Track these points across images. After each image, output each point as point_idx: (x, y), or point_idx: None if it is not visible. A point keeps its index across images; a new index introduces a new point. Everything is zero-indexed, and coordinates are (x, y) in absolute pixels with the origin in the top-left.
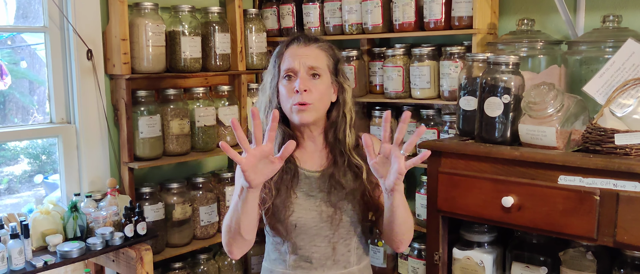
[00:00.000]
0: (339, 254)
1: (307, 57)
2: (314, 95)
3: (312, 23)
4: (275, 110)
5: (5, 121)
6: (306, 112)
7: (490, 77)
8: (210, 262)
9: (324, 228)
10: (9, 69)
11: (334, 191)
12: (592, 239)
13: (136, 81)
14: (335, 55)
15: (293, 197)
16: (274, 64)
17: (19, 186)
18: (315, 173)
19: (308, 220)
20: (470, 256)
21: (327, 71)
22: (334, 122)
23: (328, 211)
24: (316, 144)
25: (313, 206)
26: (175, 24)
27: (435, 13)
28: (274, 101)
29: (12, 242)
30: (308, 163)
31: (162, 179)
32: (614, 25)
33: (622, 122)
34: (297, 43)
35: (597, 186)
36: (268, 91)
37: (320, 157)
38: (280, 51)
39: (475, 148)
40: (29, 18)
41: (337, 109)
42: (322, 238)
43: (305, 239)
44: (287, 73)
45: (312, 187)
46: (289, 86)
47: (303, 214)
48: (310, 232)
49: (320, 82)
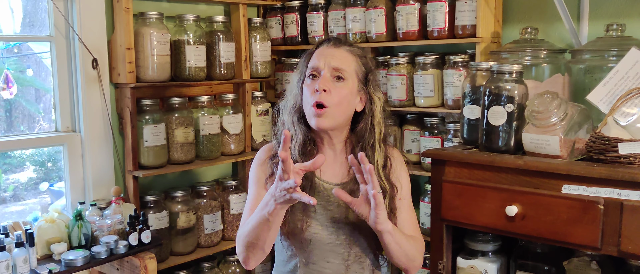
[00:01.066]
0: (352, 272)
1: (333, 57)
2: (333, 98)
3: (316, 32)
4: (286, 131)
5: (11, 128)
6: (322, 118)
7: (494, 86)
8: (215, 270)
9: (340, 246)
10: (15, 76)
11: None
12: (596, 249)
13: (141, 90)
14: (367, 64)
15: (310, 209)
16: (302, 64)
17: (25, 194)
18: (334, 186)
19: (324, 237)
20: (475, 265)
21: (355, 77)
22: (361, 135)
23: (345, 229)
24: (336, 154)
25: (330, 222)
26: (180, 33)
27: (439, 22)
28: (299, 100)
29: (17, 250)
30: (327, 173)
31: (166, 188)
32: (618, 34)
33: (626, 131)
34: (327, 44)
35: (601, 195)
36: (294, 90)
37: (340, 168)
38: (310, 51)
39: (479, 157)
40: (36, 26)
41: (364, 120)
42: (337, 255)
43: (319, 255)
44: (312, 72)
45: (330, 200)
46: (311, 86)
47: (319, 230)
48: (324, 248)
49: (343, 85)
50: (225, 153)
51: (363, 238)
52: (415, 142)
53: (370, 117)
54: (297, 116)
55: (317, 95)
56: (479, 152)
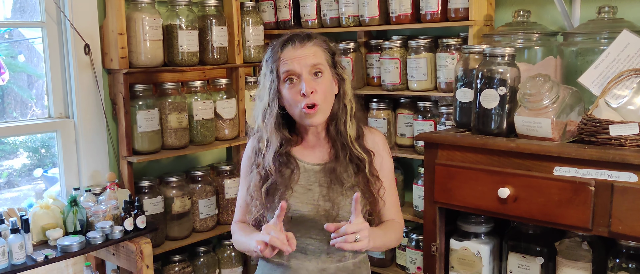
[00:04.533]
0: (334, 248)
1: (306, 57)
2: (320, 95)
3: (309, 15)
4: (284, 202)
5: (4, 115)
6: (316, 115)
7: (487, 69)
8: (210, 254)
9: (320, 223)
10: (7, 63)
11: (333, 186)
12: (587, 230)
13: (134, 75)
14: (331, 49)
15: (290, 192)
16: (270, 68)
17: (19, 180)
18: (316, 166)
19: (304, 213)
20: (467, 247)
21: (327, 66)
22: (335, 115)
23: (325, 205)
24: (319, 139)
25: (310, 200)
26: (173, 18)
27: (432, 5)
28: (274, 105)
29: (13, 237)
30: (308, 156)
31: (161, 173)
32: (610, 16)
33: (617, 113)
34: (291, 45)
35: (592, 177)
36: (267, 97)
37: (321, 151)
38: (275, 55)
39: (471, 140)
40: (27, 12)
41: (338, 101)
42: (318, 231)
43: (301, 231)
44: (288, 76)
45: (311, 180)
46: (293, 89)
47: (299, 208)
48: (306, 224)
49: (323, 79)
50: (219, 138)
51: (345, 214)
52: (409, 126)
53: (342, 97)
54: (275, 122)
55: (306, 98)
56: (471, 135)
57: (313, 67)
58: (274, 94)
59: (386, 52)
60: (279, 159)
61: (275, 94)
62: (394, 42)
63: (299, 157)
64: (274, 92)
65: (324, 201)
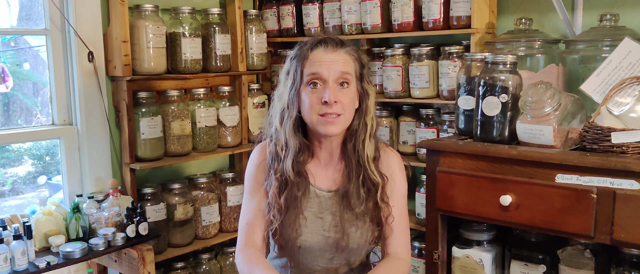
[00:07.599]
0: (341, 269)
1: (336, 63)
2: (343, 106)
3: (312, 23)
4: None
5: (9, 122)
6: (335, 125)
7: (488, 76)
8: (212, 262)
9: (329, 252)
10: (13, 70)
11: (344, 214)
12: (590, 237)
13: (137, 83)
14: (361, 60)
15: (301, 218)
16: (294, 68)
17: (23, 187)
18: (327, 193)
19: (313, 243)
20: (470, 255)
21: (354, 78)
22: (353, 131)
23: (335, 236)
24: (333, 156)
25: (320, 230)
26: (176, 26)
27: (434, 13)
28: (293, 108)
29: (15, 243)
30: (321, 180)
31: (163, 180)
32: (611, 23)
33: (619, 121)
34: (324, 47)
35: (594, 185)
36: (286, 98)
37: (334, 172)
38: (302, 54)
39: (473, 147)
40: (32, 20)
41: (359, 117)
42: (326, 260)
43: (308, 258)
44: (313, 79)
45: (322, 207)
46: (314, 94)
47: (309, 238)
48: (314, 253)
49: (348, 90)
50: (222, 145)
51: (354, 244)
52: (411, 134)
53: (364, 113)
54: (293, 125)
55: (327, 107)
56: (473, 142)
57: (341, 76)
58: (295, 95)
59: (388, 59)
60: (295, 168)
61: (295, 95)
62: (397, 50)
63: (311, 179)
64: (294, 93)
65: (334, 232)
